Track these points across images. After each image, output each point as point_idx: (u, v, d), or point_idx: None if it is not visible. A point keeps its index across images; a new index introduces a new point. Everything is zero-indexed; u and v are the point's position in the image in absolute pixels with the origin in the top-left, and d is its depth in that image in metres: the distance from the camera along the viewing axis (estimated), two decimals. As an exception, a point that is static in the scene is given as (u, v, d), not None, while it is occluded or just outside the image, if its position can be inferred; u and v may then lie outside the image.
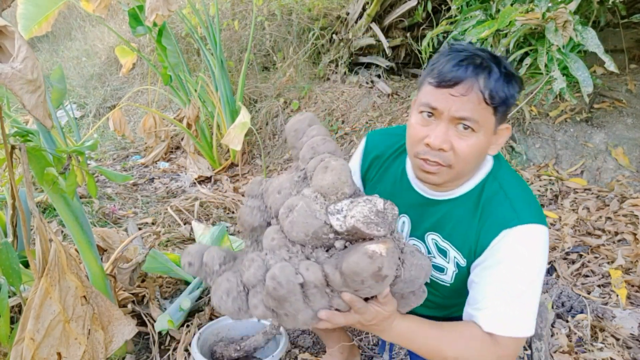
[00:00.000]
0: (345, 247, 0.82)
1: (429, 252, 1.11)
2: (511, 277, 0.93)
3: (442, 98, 0.91)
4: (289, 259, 0.81)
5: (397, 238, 0.85)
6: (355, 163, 1.25)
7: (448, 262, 1.07)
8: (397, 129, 1.20)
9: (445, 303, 1.17)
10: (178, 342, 1.74)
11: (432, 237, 1.09)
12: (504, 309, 0.93)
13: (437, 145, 0.91)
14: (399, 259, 0.83)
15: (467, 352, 0.93)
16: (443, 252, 1.07)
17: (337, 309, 0.84)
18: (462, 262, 1.04)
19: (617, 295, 1.85)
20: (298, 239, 0.81)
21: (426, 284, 1.12)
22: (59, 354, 1.27)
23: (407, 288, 0.87)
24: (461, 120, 0.90)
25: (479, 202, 1.01)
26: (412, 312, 0.98)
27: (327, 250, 0.83)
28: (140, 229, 2.70)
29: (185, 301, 1.81)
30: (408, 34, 3.94)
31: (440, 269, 1.09)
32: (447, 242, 1.06)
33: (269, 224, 0.91)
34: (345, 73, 4.07)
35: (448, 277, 1.08)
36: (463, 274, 1.05)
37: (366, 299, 0.84)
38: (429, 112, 0.94)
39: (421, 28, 3.86)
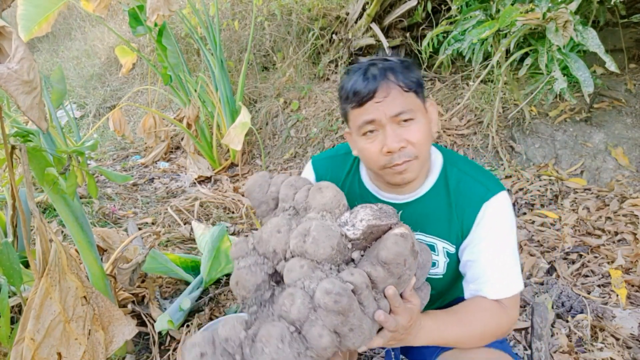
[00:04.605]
0: (362, 256, 0.84)
1: None
2: (500, 243, 1.03)
3: (372, 109, 0.97)
4: (327, 277, 0.79)
5: None
6: None
7: (438, 255, 1.12)
8: (338, 149, 1.24)
9: (438, 296, 1.21)
10: (178, 342, 1.74)
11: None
12: (502, 274, 1.01)
13: (396, 147, 0.97)
14: None
15: (488, 324, 1.00)
16: (431, 248, 1.11)
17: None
18: (452, 249, 1.09)
19: (617, 295, 1.85)
20: (325, 255, 0.80)
21: None
22: (59, 354, 1.27)
23: (421, 275, 0.91)
24: (399, 115, 0.96)
25: (448, 190, 1.08)
26: None
27: (347, 265, 0.84)
28: (140, 229, 2.70)
29: (185, 301, 1.81)
30: (408, 34, 3.94)
31: (432, 264, 1.13)
32: (432, 236, 1.10)
33: (270, 276, 0.87)
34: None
35: (440, 269, 1.13)
36: (453, 262, 1.11)
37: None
38: (370, 129, 0.99)
39: (421, 28, 3.86)
